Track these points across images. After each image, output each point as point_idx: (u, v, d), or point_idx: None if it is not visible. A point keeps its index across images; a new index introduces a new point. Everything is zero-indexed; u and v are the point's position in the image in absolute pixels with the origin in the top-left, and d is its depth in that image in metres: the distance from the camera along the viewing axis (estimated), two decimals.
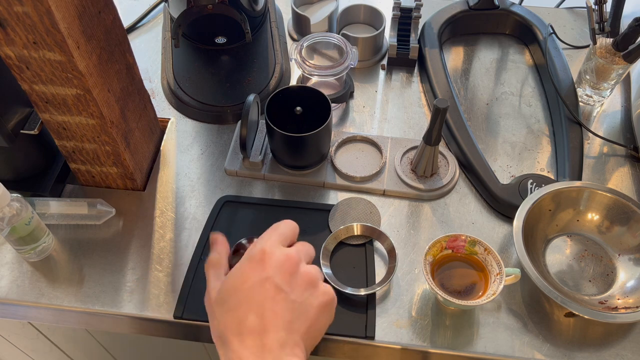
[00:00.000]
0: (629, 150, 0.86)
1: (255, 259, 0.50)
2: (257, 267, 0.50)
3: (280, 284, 0.49)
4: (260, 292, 0.48)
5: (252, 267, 0.50)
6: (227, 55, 0.95)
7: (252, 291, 0.48)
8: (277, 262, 0.50)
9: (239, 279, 0.50)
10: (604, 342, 0.68)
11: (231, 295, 0.49)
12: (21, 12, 0.55)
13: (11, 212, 0.67)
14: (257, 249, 0.51)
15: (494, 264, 0.68)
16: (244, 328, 0.47)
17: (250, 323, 0.47)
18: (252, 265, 0.50)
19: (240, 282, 0.50)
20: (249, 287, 0.49)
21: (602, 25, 0.85)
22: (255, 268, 0.50)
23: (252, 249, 0.52)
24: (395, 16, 0.97)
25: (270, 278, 0.49)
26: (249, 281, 0.49)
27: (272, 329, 0.47)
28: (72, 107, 0.67)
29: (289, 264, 0.51)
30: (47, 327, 0.88)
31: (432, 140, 0.76)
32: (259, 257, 0.50)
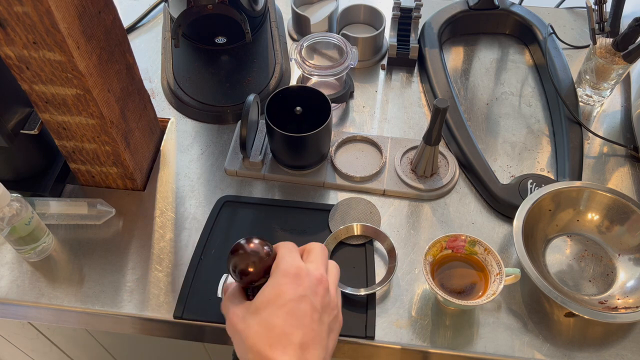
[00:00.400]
0: (629, 150, 0.86)
1: (289, 273, 0.51)
2: (293, 282, 0.50)
3: (315, 305, 0.50)
4: (299, 308, 0.49)
5: (287, 282, 0.50)
6: (227, 55, 0.95)
7: (291, 306, 0.49)
8: (311, 282, 0.51)
9: (273, 292, 0.50)
10: (604, 342, 0.68)
11: (267, 307, 0.49)
12: (21, 12, 0.55)
13: (11, 212, 0.67)
14: (292, 265, 0.51)
15: (494, 264, 0.68)
16: (286, 341, 0.47)
17: (293, 337, 0.47)
18: (288, 280, 0.50)
19: (275, 295, 0.49)
20: (287, 302, 0.49)
21: (602, 25, 0.85)
22: (290, 283, 0.50)
23: (282, 265, 0.52)
24: (395, 16, 0.97)
25: (307, 297, 0.50)
26: (285, 295, 0.49)
27: (312, 346, 0.48)
28: (72, 107, 0.67)
29: (322, 287, 0.52)
30: (47, 327, 0.88)
31: (432, 140, 0.76)
32: (294, 272, 0.51)
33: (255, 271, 0.53)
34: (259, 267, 0.53)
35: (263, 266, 0.53)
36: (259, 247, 0.54)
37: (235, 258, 0.53)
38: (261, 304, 0.50)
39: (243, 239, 0.55)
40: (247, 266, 0.53)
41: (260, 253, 0.53)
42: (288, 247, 0.54)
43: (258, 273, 0.53)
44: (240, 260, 0.53)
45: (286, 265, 0.51)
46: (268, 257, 0.54)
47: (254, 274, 0.53)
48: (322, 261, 0.55)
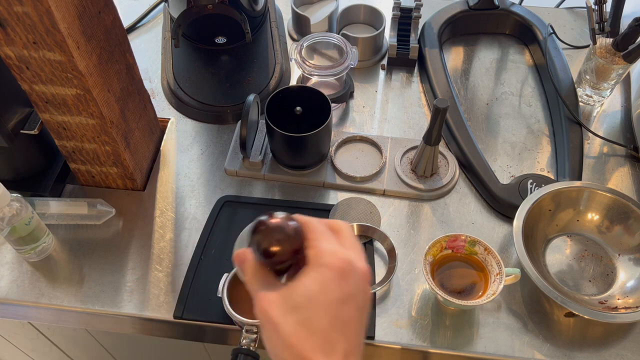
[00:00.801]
0: (629, 150, 0.86)
1: (335, 267, 0.45)
2: (341, 280, 0.44)
3: (360, 306, 0.46)
4: (344, 311, 0.44)
5: (333, 277, 0.44)
6: (227, 55, 0.95)
7: (336, 308, 0.44)
8: (359, 279, 0.46)
9: (317, 288, 0.44)
10: (604, 342, 0.68)
11: (310, 305, 0.44)
12: (21, 12, 0.55)
13: (11, 212, 0.67)
14: (334, 258, 0.45)
15: (494, 264, 0.68)
16: (329, 348, 0.43)
17: (338, 345, 0.44)
18: (334, 277, 0.44)
19: (318, 292, 0.44)
20: (333, 302, 0.44)
21: (602, 25, 0.85)
22: (337, 280, 0.44)
23: (325, 257, 0.45)
24: (395, 16, 0.97)
25: (353, 297, 0.45)
26: (330, 294, 0.44)
27: (354, 353, 0.45)
28: (72, 107, 0.67)
29: (366, 283, 0.47)
30: (47, 327, 0.88)
31: (432, 140, 0.76)
32: (343, 268, 0.45)
33: (284, 251, 0.47)
34: (287, 247, 0.47)
35: (293, 246, 0.47)
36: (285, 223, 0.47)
37: (258, 236, 0.47)
38: (302, 300, 0.44)
39: (264, 216, 0.48)
40: (274, 245, 0.46)
41: (286, 230, 0.47)
42: (321, 230, 0.48)
43: (287, 253, 0.47)
44: (265, 237, 0.46)
45: (330, 257, 0.45)
46: (298, 236, 0.47)
47: (283, 254, 0.47)
48: (359, 247, 0.49)
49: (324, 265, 0.45)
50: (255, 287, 0.47)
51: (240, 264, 0.49)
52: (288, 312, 0.44)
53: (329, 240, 0.47)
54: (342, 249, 0.47)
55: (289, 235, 0.47)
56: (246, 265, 0.49)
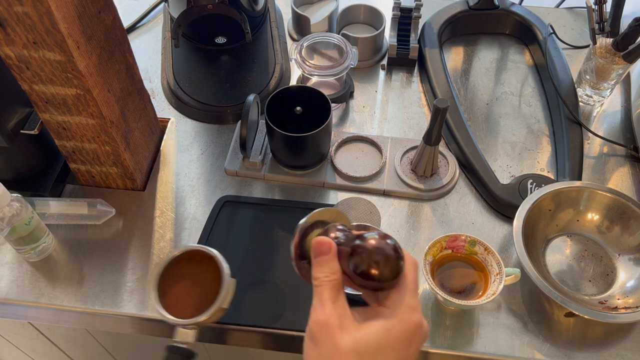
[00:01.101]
0: (629, 150, 0.86)
1: (409, 331, 0.45)
2: (407, 341, 0.45)
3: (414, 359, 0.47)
4: None
5: (403, 338, 0.44)
6: (227, 55, 0.95)
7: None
8: (422, 341, 0.46)
9: (386, 343, 0.44)
10: (604, 342, 0.68)
11: (372, 356, 0.43)
12: (21, 12, 0.55)
13: (11, 212, 0.67)
14: (412, 321, 0.45)
15: (494, 264, 0.68)
16: None
17: None
18: (404, 337, 0.44)
19: (387, 347, 0.44)
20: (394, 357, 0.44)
21: (602, 25, 0.85)
22: (407, 341, 0.45)
23: (406, 313, 0.45)
24: (395, 16, 0.97)
25: (413, 355, 0.46)
26: (395, 351, 0.44)
27: None
28: (72, 107, 0.67)
29: (425, 339, 0.47)
30: (47, 327, 0.88)
31: (432, 140, 0.76)
32: (412, 331, 0.45)
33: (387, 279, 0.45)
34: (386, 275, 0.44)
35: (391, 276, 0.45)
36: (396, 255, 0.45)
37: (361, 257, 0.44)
38: (367, 347, 0.44)
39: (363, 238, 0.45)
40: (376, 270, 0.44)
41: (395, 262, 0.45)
42: (413, 281, 0.47)
43: (388, 281, 0.45)
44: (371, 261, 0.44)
45: (408, 317, 0.45)
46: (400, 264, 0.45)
47: (384, 281, 0.45)
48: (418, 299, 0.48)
49: (401, 319, 0.44)
50: (325, 295, 0.45)
51: (319, 254, 0.47)
52: (353, 352, 0.43)
53: (416, 295, 0.46)
54: (419, 306, 0.46)
55: (390, 259, 0.44)
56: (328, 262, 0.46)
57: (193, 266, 0.63)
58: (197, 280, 0.63)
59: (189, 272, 0.63)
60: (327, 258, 0.46)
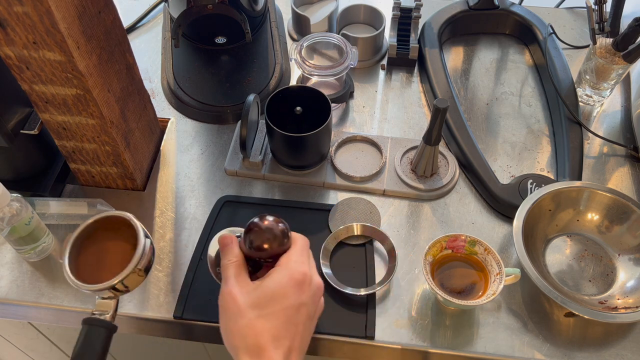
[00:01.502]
0: (629, 150, 0.86)
1: (296, 279, 0.54)
2: (297, 288, 0.54)
3: (311, 313, 0.55)
4: (296, 316, 0.53)
5: (292, 285, 0.54)
6: (227, 55, 0.95)
7: (290, 311, 0.53)
8: (312, 290, 0.56)
9: (278, 292, 0.53)
10: (604, 342, 0.68)
11: (268, 305, 0.53)
12: (21, 12, 0.55)
13: (11, 212, 0.67)
14: (299, 271, 0.55)
15: (494, 264, 0.68)
16: (278, 343, 0.52)
17: (284, 341, 0.52)
18: (292, 284, 0.54)
19: (279, 296, 0.53)
20: (288, 307, 0.53)
21: (602, 25, 0.85)
22: (295, 288, 0.54)
23: (291, 265, 0.55)
24: (395, 16, 0.97)
25: (305, 305, 0.54)
26: (288, 299, 0.53)
27: (296, 350, 0.53)
28: (72, 107, 0.67)
29: (319, 293, 0.57)
30: (47, 327, 0.88)
31: (432, 140, 0.76)
32: (300, 279, 0.54)
33: (271, 251, 0.56)
34: (275, 249, 0.57)
35: (279, 249, 0.57)
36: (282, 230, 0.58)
37: (251, 235, 0.57)
38: (263, 299, 0.53)
39: (256, 217, 0.58)
40: (264, 243, 0.56)
41: (276, 232, 0.57)
42: (300, 246, 0.58)
43: (273, 254, 0.57)
44: (258, 236, 0.56)
45: (294, 269, 0.55)
46: (287, 241, 0.58)
47: (269, 253, 0.57)
48: (314, 264, 0.59)
49: (287, 274, 0.54)
50: (229, 272, 0.55)
51: (224, 246, 0.58)
52: (251, 307, 0.52)
53: (301, 257, 0.56)
54: (306, 265, 0.56)
55: (277, 237, 0.57)
56: (230, 248, 0.57)
57: (111, 234, 0.60)
58: (115, 248, 0.60)
59: (106, 241, 0.60)
60: (229, 247, 0.58)
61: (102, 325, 0.56)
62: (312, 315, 0.56)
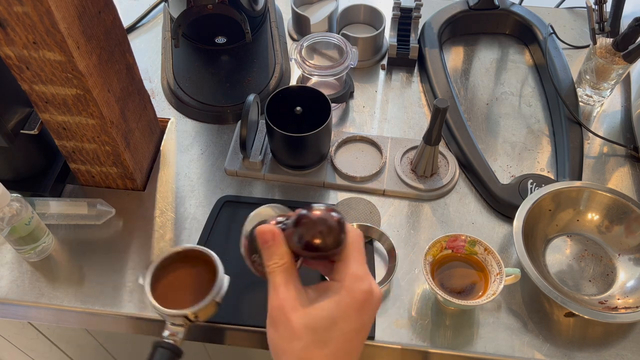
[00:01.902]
0: (629, 150, 0.86)
1: (359, 301, 0.46)
2: (360, 310, 0.46)
3: (368, 331, 0.48)
4: (357, 338, 0.47)
5: (354, 308, 0.46)
6: (227, 55, 0.95)
7: (351, 335, 0.46)
8: (374, 307, 0.48)
9: (339, 316, 0.46)
10: (604, 342, 0.68)
11: (327, 329, 0.46)
12: (21, 12, 0.55)
13: (11, 212, 0.67)
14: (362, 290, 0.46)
15: (494, 264, 0.68)
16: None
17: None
18: (355, 307, 0.46)
19: (340, 319, 0.46)
20: (348, 331, 0.46)
21: (602, 25, 0.85)
22: (357, 310, 0.46)
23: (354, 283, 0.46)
24: (395, 16, 0.97)
25: (366, 326, 0.47)
26: (349, 323, 0.46)
27: None
28: (72, 107, 0.67)
29: (379, 306, 0.49)
30: (47, 327, 0.88)
31: (432, 140, 0.76)
32: (363, 300, 0.46)
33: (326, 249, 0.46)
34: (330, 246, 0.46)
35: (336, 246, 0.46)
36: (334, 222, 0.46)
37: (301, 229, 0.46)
38: (321, 323, 0.46)
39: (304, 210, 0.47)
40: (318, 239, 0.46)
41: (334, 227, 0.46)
42: (358, 248, 0.48)
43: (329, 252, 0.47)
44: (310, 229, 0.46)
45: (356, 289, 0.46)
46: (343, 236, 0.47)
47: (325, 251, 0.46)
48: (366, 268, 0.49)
49: (350, 291, 0.46)
50: (278, 280, 0.47)
51: (265, 242, 0.48)
52: (307, 330, 0.45)
53: (362, 263, 0.47)
54: (367, 274, 0.47)
55: (333, 229, 0.46)
56: (275, 247, 0.48)
57: (188, 265, 0.63)
58: (191, 279, 0.63)
59: (183, 270, 0.63)
60: (273, 244, 0.48)
61: (171, 348, 0.58)
62: (368, 333, 0.49)
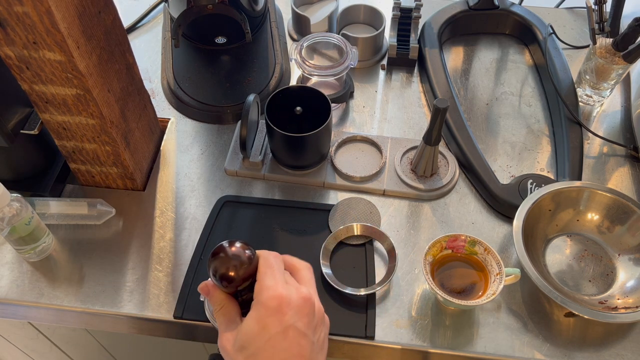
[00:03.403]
0: (629, 150, 0.86)
1: (271, 307, 0.49)
2: (275, 315, 0.48)
3: (302, 329, 0.49)
4: (285, 341, 0.48)
5: (268, 315, 0.48)
6: (227, 55, 0.95)
7: (276, 339, 0.48)
8: (296, 307, 0.49)
9: (258, 327, 0.48)
10: (604, 342, 0.68)
11: (252, 343, 0.48)
12: (21, 12, 0.55)
13: (11, 212, 0.67)
14: (271, 296, 0.49)
15: (494, 263, 0.68)
16: None
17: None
18: (269, 314, 0.48)
19: (260, 330, 0.48)
20: (272, 337, 0.48)
21: (602, 25, 0.85)
22: (272, 316, 0.48)
23: (263, 294, 0.49)
24: (395, 16, 0.97)
25: (292, 326, 0.48)
26: (269, 330, 0.48)
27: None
28: (72, 107, 0.67)
29: (308, 306, 0.50)
30: (47, 327, 0.88)
31: (432, 140, 0.76)
32: (275, 305, 0.49)
33: (237, 277, 0.50)
34: (240, 273, 0.50)
35: (245, 273, 0.50)
36: (240, 251, 0.51)
37: (216, 261, 0.50)
38: (247, 338, 0.49)
39: (225, 242, 0.52)
40: (228, 270, 0.50)
41: (242, 257, 0.50)
42: (269, 264, 0.51)
43: (240, 280, 0.51)
44: (221, 264, 0.50)
45: (266, 297, 0.49)
46: (250, 263, 0.51)
47: (237, 280, 0.50)
48: (310, 282, 0.54)
49: (262, 302, 0.49)
50: (219, 321, 0.53)
51: (205, 295, 0.54)
52: (238, 351, 0.49)
53: (273, 275, 0.51)
54: (280, 285, 0.50)
55: (242, 262, 0.51)
56: (212, 297, 0.54)
57: None
58: None
59: None
60: (211, 295, 0.54)
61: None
62: (305, 329, 0.49)
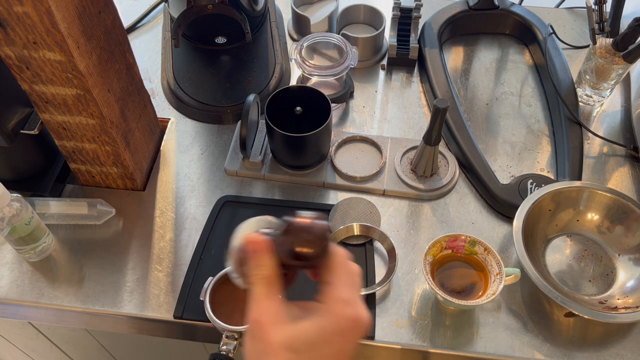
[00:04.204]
0: (629, 150, 0.86)
1: (343, 328, 0.44)
2: (343, 337, 0.44)
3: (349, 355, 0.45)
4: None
5: (337, 333, 0.44)
6: (227, 55, 0.95)
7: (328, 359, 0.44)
8: (359, 334, 0.45)
9: (320, 339, 0.44)
10: (604, 342, 0.68)
11: (307, 351, 0.44)
12: (21, 12, 0.55)
13: (11, 212, 0.67)
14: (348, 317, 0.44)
15: (494, 263, 0.68)
16: None
17: None
18: (338, 332, 0.44)
19: (320, 342, 0.44)
20: (328, 355, 0.44)
21: (602, 25, 0.85)
22: (340, 336, 0.44)
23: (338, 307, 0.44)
24: (395, 16, 0.97)
25: (347, 352, 0.45)
26: (330, 347, 0.44)
27: None
28: (72, 107, 0.67)
29: (364, 333, 0.46)
30: (47, 327, 0.88)
31: (432, 140, 0.76)
32: (347, 328, 0.44)
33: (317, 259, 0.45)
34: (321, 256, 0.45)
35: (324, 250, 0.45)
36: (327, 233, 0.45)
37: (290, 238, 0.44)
38: (301, 344, 0.44)
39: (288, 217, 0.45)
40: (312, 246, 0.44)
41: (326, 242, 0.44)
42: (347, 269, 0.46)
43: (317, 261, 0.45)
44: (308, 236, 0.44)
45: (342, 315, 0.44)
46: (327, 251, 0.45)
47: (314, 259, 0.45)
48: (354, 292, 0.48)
49: (335, 315, 0.44)
50: (259, 291, 0.45)
51: (251, 252, 0.46)
52: (285, 348, 0.43)
53: (347, 284, 0.45)
54: (355, 299, 0.45)
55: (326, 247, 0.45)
56: (259, 256, 0.46)
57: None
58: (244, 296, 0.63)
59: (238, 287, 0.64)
60: (257, 254, 0.46)
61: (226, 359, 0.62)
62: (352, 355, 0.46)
